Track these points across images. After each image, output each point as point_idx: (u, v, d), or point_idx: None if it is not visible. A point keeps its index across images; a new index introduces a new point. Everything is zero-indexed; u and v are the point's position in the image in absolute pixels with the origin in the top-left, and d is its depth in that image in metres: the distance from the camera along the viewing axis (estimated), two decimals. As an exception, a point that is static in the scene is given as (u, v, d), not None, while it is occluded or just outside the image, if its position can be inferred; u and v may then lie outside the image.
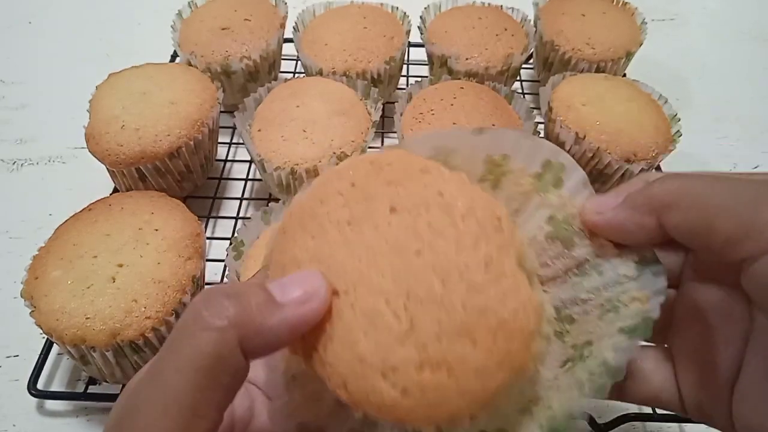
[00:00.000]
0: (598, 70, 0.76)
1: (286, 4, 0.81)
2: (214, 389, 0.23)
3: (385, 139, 0.78)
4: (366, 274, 0.25)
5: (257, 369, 0.32)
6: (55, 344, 0.54)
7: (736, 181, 0.25)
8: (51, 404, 0.54)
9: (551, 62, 0.80)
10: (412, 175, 0.26)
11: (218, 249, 0.65)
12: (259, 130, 0.64)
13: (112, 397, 0.52)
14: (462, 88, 0.68)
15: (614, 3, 0.83)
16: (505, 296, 0.24)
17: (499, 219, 0.25)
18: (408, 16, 0.80)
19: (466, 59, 0.74)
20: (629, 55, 0.78)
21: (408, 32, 0.78)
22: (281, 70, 0.84)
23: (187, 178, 0.66)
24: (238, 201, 0.70)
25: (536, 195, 0.29)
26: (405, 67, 0.86)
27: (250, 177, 0.72)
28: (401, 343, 0.23)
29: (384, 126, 0.78)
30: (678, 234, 0.26)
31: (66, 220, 0.53)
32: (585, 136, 0.63)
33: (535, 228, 0.29)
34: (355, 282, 0.25)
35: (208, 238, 0.64)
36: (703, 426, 0.53)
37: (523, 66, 0.82)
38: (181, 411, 0.22)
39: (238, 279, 0.52)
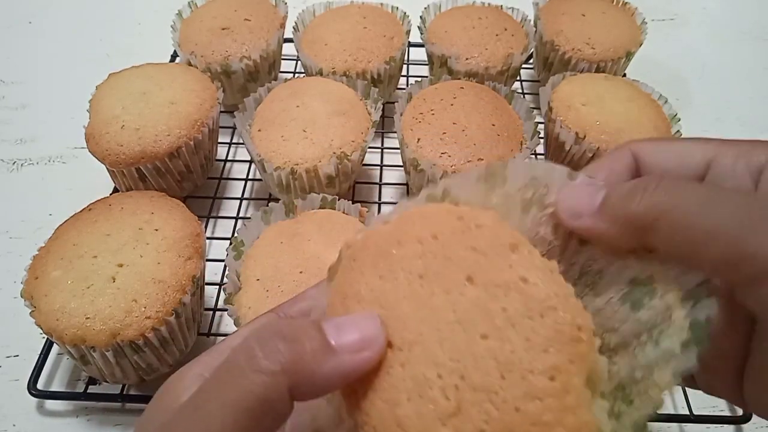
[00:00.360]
0: (598, 70, 0.76)
1: (286, 4, 0.81)
2: (255, 430, 0.23)
3: (385, 139, 0.78)
4: (426, 338, 0.24)
5: None
6: (55, 344, 0.54)
7: (731, 197, 0.23)
8: (51, 404, 0.54)
9: (551, 62, 0.80)
10: (499, 250, 0.25)
11: (218, 249, 0.65)
12: (259, 130, 0.64)
13: (112, 397, 0.52)
14: (462, 88, 0.68)
15: (614, 3, 0.83)
16: (563, 414, 0.22)
17: (580, 328, 0.23)
18: (408, 16, 0.80)
19: (466, 59, 0.74)
20: (629, 55, 0.78)
21: (408, 32, 0.78)
22: (281, 70, 0.84)
23: (187, 178, 0.66)
24: (238, 201, 0.70)
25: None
26: (405, 67, 0.86)
27: (250, 177, 0.72)
28: (443, 423, 0.23)
29: (384, 126, 0.78)
30: (664, 251, 0.25)
31: (66, 220, 0.53)
32: (585, 136, 0.63)
33: (613, 290, 0.27)
34: (412, 341, 0.24)
35: (208, 238, 0.64)
36: (703, 426, 0.53)
37: (523, 66, 0.82)
38: None
39: (238, 279, 0.52)
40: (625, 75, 0.81)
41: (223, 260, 0.58)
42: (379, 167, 0.75)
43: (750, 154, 0.27)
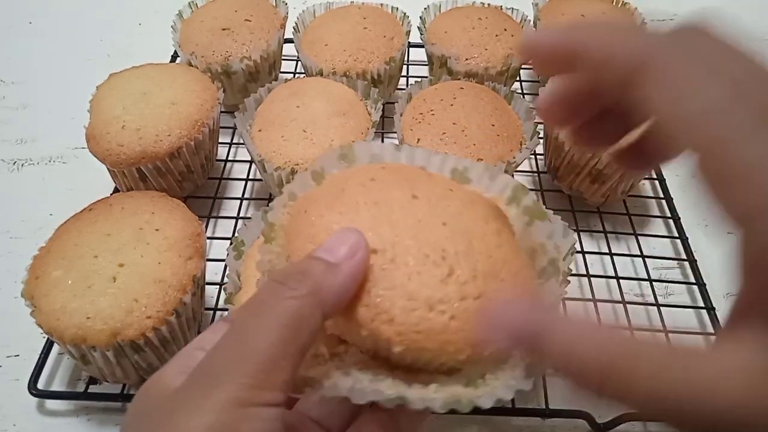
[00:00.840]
0: (597, 71, 0.76)
1: (286, 4, 0.81)
2: (294, 345, 0.25)
3: (385, 139, 0.78)
4: (401, 237, 0.29)
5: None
6: (55, 344, 0.54)
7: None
8: (51, 404, 0.54)
9: (551, 62, 0.80)
10: (421, 175, 0.34)
11: (219, 249, 0.65)
12: (260, 131, 0.65)
13: (113, 397, 0.52)
14: (462, 88, 0.68)
15: (614, 3, 0.83)
16: (515, 254, 0.31)
17: (497, 206, 0.34)
18: (408, 17, 0.80)
19: (466, 60, 0.74)
20: (629, 56, 0.78)
21: (408, 33, 0.79)
22: (281, 70, 0.84)
23: (188, 178, 0.66)
24: (239, 201, 0.70)
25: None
26: (405, 67, 0.86)
27: (250, 177, 0.73)
28: (444, 283, 0.28)
29: (384, 126, 0.78)
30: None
31: (66, 220, 0.53)
32: (585, 137, 0.63)
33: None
34: (392, 243, 0.29)
35: (208, 238, 0.64)
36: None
37: (523, 66, 0.82)
38: (262, 359, 0.24)
39: (238, 279, 0.53)
40: (624, 75, 0.81)
41: (223, 260, 0.58)
42: (379, 167, 0.74)
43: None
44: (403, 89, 0.76)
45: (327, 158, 0.35)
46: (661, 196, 0.71)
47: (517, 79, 0.85)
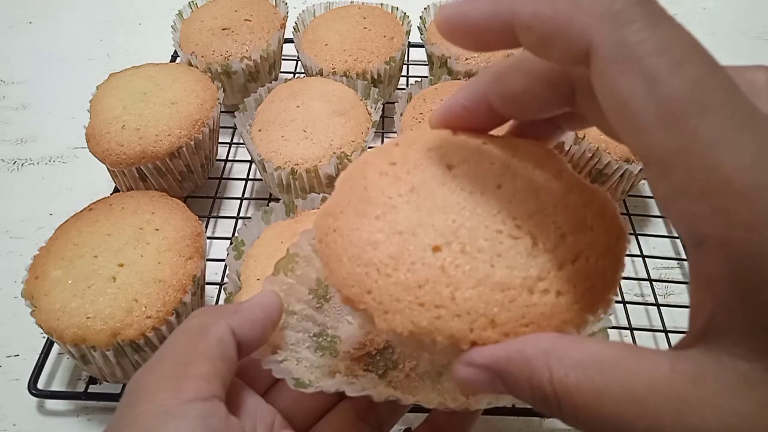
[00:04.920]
0: (597, 71, 0.76)
1: (286, 4, 0.81)
2: (202, 344, 0.29)
3: (385, 139, 0.78)
4: (460, 220, 0.25)
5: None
6: (55, 344, 0.54)
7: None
8: (51, 404, 0.54)
9: (551, 62, 0.80)
10: (443, 138, 0.27)
11: (219, 249, 0.65)
12: (260, 130, 0.65)
13: (113, 397, 0.52)
14: (462, 88, 0.68)
15: (614, 3, 0.83)
16: (588, 192, 0.26)
17: (540, 144, 0.28)
18: (408, 17, 0.80)
19: (466, 59, 0.74)
20: (629, 56, 0.78)
21: (408, 32, 0.78)
22: (281, 70, 0.84)
23: (188, 177, 0.66)
24: (239, 201, 0.70)
25: None
26: (405, 67, 0.86)
27: (250, 177, 0.72)
28: (533, 256, 0.24)
29: (384, 126, 0.78)
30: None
31: (66, 220, 0.53)
32: (584, 136, 0.63)
33: None
34: (453, 230, 0.25)
35: (208, 238, 0.64)
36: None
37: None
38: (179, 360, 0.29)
39: (238, 278, 0.53)
40: (624, 75, 0.81)
41: (223, 260, 0.58)
42: (379, 167, 0.74)
43: None
44: (403, 89, 0.76)
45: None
46: (661, 195, 0.71)
47: (517, 78, 0.85)
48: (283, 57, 0.83)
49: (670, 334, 0.57)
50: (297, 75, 0.86)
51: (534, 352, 0.21)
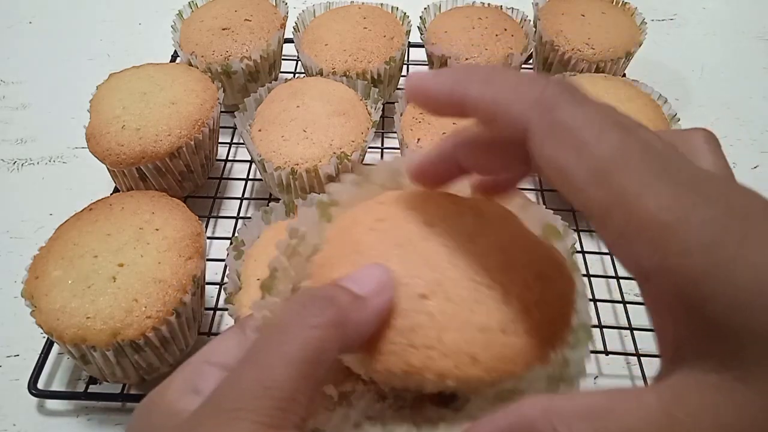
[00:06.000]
0: (597, 71, 0.76)
1: (286, 4, 0.81)
2: (312, 380, 0.24)
3: (385, 139, 0.78)
4: (442, 272, 0.28)
5: None
6: (55, 344, 0.54)
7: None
8: (51, 404, 0.54)
9: (551, 62, 0.80)
10: (419, 197, 0.31)
11: (219, 249, 0.65)
12: (260, 130, 0.65)
13: (113, 397, 0.52)
14: (462, 88, 0.68)
15: (614, 3, 0.83)
16: (543, 247, 0.30)
17: (499, 205, 0.31)
18: (408, 17, 0.80)
19: (466, 59, 0.74)
20: (629, 55, 0.78)
21: (408, 32, 0.79)
22: (281, 70, 0.84)
23: (188, 177, 0.66)
24: (239, 201, 0.70)
25: None
26: (405, 67, 0.86)
27: (250, 177, 0.73)
28: (504, 302, 0.27)
29: (384, 126, 0.78)
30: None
31: (67, 220, 0.53)
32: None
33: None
34: (437, 281, 0.27)
35: (208, 238, 0.64)
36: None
37: (523, 66, 0.82)
38: (283, 395, 0.23)
39: (239, 278, 0.53)
40: (624, 75, 0.81)
41: (223, 260, 0.58)
42: (379, 167, 0.74)
43: None
44: (403, 89, 0.76)
45: (341, 185, 0.33)
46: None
47: (517, 78, 0.84)
48: (283, 57, 0.83)
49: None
50: (297, 75, 0.86)
51: (534, 413, 0.22)
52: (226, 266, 0.59)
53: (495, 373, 0.27)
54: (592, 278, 0.62)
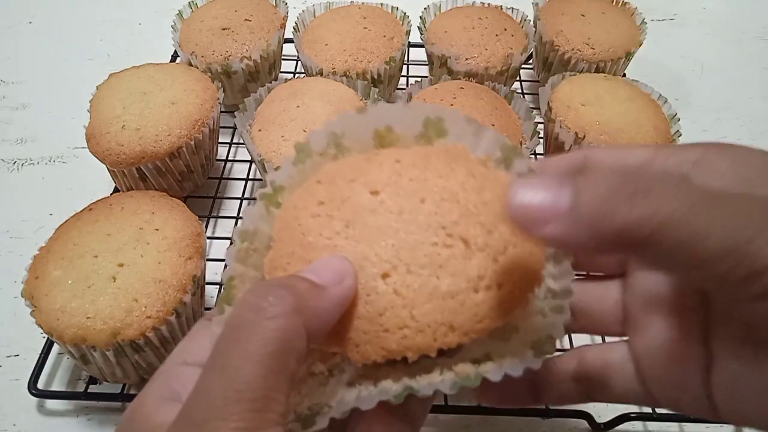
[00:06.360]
0: (597, 70, 0.76)
1: (286, 4, 0.81)
2: (283, 374, 0.24)
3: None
4: (399, 244, 0.27)
5: None
6: (55, 344, 0.54)
7: (730, 201, 0.21)
8: (51, 404, 0.54)
9: (551, 62, 0.80)
10: (362, 163, 0.30)
11: (219, 248, 0.65)
12: (260, 130, 0.65)
13: (113, 397, 0.52)
14: (462, 88, 0.68)
15: (614, 3, 0.83)
16: (501, 186, 0.28)
17: (447, 149, 0.30)
18: (408, 17, 0.80)
19: (466, 59, 0.74)
20: (629, 55, 0.78)
21: (408, 32, 0.78)
22: (281, 70, 0.84)
23: (188, 177, 0.66)
24: (239, 201, 0.70)
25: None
26: (405, 67, 0.86)
27: (250, 177, 0.73)
28: (468, 258, 0.27)
29: (384, 126, 0.78)
30: (652, 267, 0.25)
31: (67, 220, 0.53)
32: (585, 136, 0.63)
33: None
34: (395, 255, 0.27)
35: (208, 238, 0.64)
36: (703, 425, 0.53)
37: (523, 66, 0.82)
38: (256, 395, 0.22)
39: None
40: (624, 75, 0.81)
41: (223, 260, 0.58)
42: (379, 167, 0.74)
43: (682, 151, 0.28)
44: (403, 89, 0.76)
45: (278, 172, 0.31)
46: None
47: (517, 78, 0.85)
48: (283, 57, 0.83)
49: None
50: (297, 75, 0.86)
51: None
52: (225, 266, 0.59)
53: (475, 334, 0.26)
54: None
